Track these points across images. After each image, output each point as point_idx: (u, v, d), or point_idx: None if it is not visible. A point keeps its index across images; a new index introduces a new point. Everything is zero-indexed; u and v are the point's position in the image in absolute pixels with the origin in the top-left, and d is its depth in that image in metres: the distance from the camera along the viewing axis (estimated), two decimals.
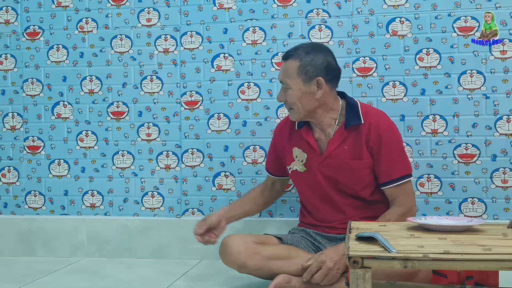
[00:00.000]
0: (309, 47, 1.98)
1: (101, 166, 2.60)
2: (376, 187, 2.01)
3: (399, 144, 2.02)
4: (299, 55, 1.95)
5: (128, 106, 2.57)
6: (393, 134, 1.99)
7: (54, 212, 2.63)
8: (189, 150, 2.53)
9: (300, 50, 1.97)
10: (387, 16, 2.36)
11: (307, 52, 1.95)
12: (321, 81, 1.94)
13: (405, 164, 1.99)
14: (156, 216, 2.56)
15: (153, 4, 2.55)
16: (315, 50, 1.97)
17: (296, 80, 1.94)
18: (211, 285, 2.10)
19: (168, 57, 2.54)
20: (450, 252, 1.20)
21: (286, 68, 1.98)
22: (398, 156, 1.98)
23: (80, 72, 2.61)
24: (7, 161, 2.66)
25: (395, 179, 1.96)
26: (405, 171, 1.98)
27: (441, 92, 2.32)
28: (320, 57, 1.95)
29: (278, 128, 2.20)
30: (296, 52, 1.97)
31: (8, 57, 2.66)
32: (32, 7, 2.64)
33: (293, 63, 1.95)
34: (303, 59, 1.94)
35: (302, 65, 1.94)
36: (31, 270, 2.34)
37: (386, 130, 1.96)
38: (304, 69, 1.94)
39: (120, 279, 2.19)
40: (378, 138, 1.95)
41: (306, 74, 1.94)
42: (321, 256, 1.85)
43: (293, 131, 2.10)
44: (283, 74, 1.99)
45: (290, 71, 1.96)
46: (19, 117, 2.65)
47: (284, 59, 2.01)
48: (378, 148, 1.95)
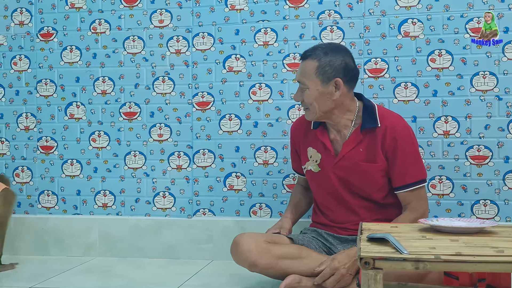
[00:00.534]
0: (327, 48, 1.97)
1: (113, 166, 2.62)
2: (390, 191, 2.00)
3: (415, 149, 1.99)
4: (318, 55, 1.94)
5: (140, 107, 2.59)
6: (409, 139, 1.97)
7: (67, 211, 2.65)
8: (201, 151, 2.54)
9: (319, 50, 1.96)
10: (399, 17, 2.36)
11: (326, 53, 1.94)
12: (339, 82, 1.93)
13: (420, 169, 1.98)
14: (168, 216, 2.57)
15: (166, 6, 2.57)
16: (333, 50, 1.96)
17: (314, 80, 1.94)
18: (223, 285, 2.10)
19: (180, 58, 2.56)
20: (462, 254, 1.20)
21: (304, 68, 1.96)
22: (413, 161, 1.97)
23: (93, 73, 2.63)
24: (21, 161, 2.69)
25: (409, 184, 1.95)
26: (419, 176, 1.96)
27: (453, 93, 2.31)
28: (338, 58, 1.94)
29: (294, 127, 2.19)
30: (315, 52, 1.95)
31: (22, 58, 2.68)
32: (46, 8, 2.66)
33: (311, 63, 1.94)
34: (322, 60, 1.93)
35: (321, 66, 1.93)
36: (44, 269, 2.36)
37: (402, 134, 1.95)
38: (322, 69, 1.92)
39: (131, 279, 2.20)
40: (393, 142, 1.94)
41: (324, 74, 1.93)
42: (334, 262, 1.84)
43: (308, 131, 2.09)
44: (301, 74, 1.98)
45: (308, 71, 1.94)
46: (32, 117, 2.68)
47: (302, 59, 2.00)
48: (393, 152, 1.94)
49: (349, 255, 1.85)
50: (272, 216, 2.46)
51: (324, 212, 2.09)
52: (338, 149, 2.01)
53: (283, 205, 2.42)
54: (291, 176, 2.45)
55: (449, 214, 2.31)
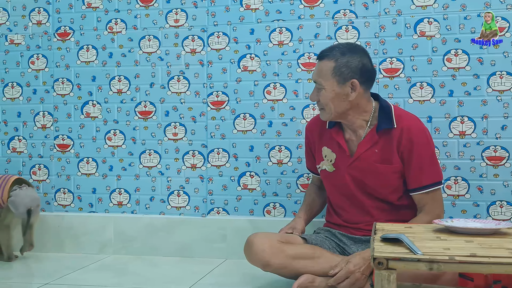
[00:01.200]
0: (345, 48, 1.95)
1: (129, 164, 2.64)
2: (405, 192, 1.98)
3: (431, 151, 1.97)
4: (335, 55, 1.93)
5: (156, 106, 2.61)
6: (425, 140, 1.95)
7: (83, 209, 2.68)
8: (215, 150, 2.55)
9: (336, 50, 1.94)
10: (415, 17, 2.34)
11: (343, 53, 1.93)
12: (355, 83, 1.91)
13: (435, 171, 1.96)
14: (182, 215, 2.58)
15: (181, 5, 2.58)
16: (351, 51, 1.94)
17: (330, 81, 1.92)
18: (236, 284, 2.11)
19: (195, 58, 2.57)
20: (476, 255, 1.19)
21: (321, 68, 1.95)
22: (429, 163, 1.95)
23: (109, 72, 2.65)
24: (38, 159, 2.72)
25: (425, 186, 1.93)
26: (435, 179, 1.95)
27: (470, 93, 2.29)
28: (356, 58, 1.92)
29: (309, 126, 2.19)
30: (332, 52, 1.94)
31: (39, 57, 2.72)
32: (63, 8, 2.69)
33: (328, 64, 1.93)
34: (339, 60, 1.92)
35: (337, 66, 1.91)
36: (60, 266, 2.39)
37: (418, 135, 1.93)
38: (339, 70, 1.91)
39: (146, 277, 2.22)
40: (409, 143, 1.92)
41: (341, 75, 1.91)
42: (348, 265, 1.83)
43: (323, 130, 2.08)
44: (317, 74, 1.96)
45: (325, 72, 1.93)
46: (49, 116, 2.71)
47: (319, 58, 1.98)
48: (409, 154, 1.92)
49: (364, 258, 1.83)
50: (286, 215, 2.46)
51: (338, 212, 2.08)
52: (353, 149, 2.00)
53: (297, 204, 2.42)
54: (305, 175, 2.44)
55: (464, 215, 2.29)
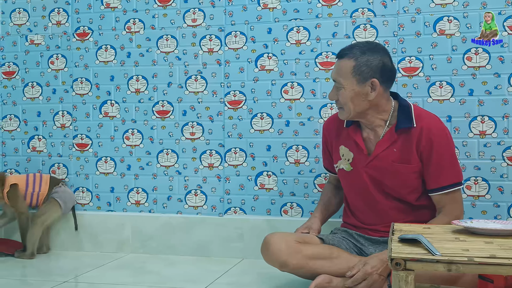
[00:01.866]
0: (365, 47, 1.93)
1: (146, 164, 2.65)
2: (424, 192, 1.96)
3: (451, 151, 1.94)
4: (355, 54, 1.90)
5: (173, 105, 2.62)
6: (445, 140, 1.92)
7: (101, 208, 2.70)
8: (232, 149, 2.55)
9: (356, 49, 1.92)
10: (435, 15, 2.31)
11: (363, 52, 1.90)
12: (375, 82, 1.89)
13: (455, 172, 1.93)
14: (199, 214, 2.59)
15: (199, 5, 2.58)
16: (371, 50, 1.92)
17: (350, 80, 1.90)
18: (252, 283, 2.10)
19: (212, 57, 2.57)
20: (496, 257, 1.17)
21: (340, 67, 1.93)
22: (449, 163, 1.92)
23: (127, 72, 2.67)
24: (57, 158, 2.75)
25: (444, 186, 1.90)
26: (455, 179, 1.92)
27: (490, 92, 2.25)
28: (376, 57, 1.90)
29: (326, 124, 2.16)
30: (352, 51, 1.92)
31: (59, 57, 2.74)
32: (82, 8, 2.72)
33: (348, 63, 1.91)
34: (359, 59, 1.89)
35: (357, 66, 1.89)
36: (79, 264, 2.41)
37: (438, 135, 1.91)
38: (359, 69, 1.89)
39: (163, 275, 2.23)
40: (429, 143, 1.89)
41: (361, 74, 1.89)
42: (366, 266, 1.82)
43: (341, 129, 2.06)
44: (337, 73, 1.94)
45: (344, 71, 1.91)
46: (68, 115, 2.74)
47: (338, 57, 1.96)
48: (428, 153, 1.90)
49: (381, 260, 1.82)
50: (303, 215, 2.45)
51: (355, 213, 2.07)
52: (371, 148, 1.98)
53: (314, 204, 2.40)
54: (322, 175, 2.43)
55: (484, 216, 2.25)
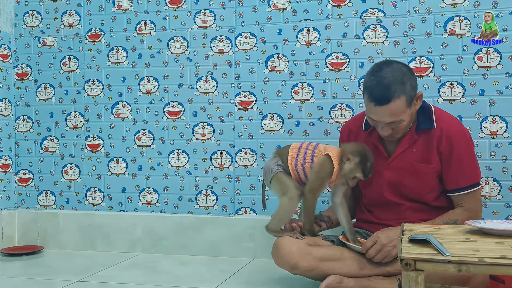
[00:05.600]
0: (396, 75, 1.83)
1: (157, 164, 2.67)
2: (442, 193, 1.96)
3: (471, 152, 1.95)
4: (399, 90, 1.82)
5: (184, 106, 2.63)
6: (465, 141, 1.93)
7: (113, 208, 2.72)
8: (243, 150, 2.56)
9: (395, 85, 1.82)
10: (445, 15, 2.31)
11: (402, 82, 1.83)
12: (420, 93, 1.90)
13: (475, 173, 1.94)
14: (210, 214, 2.60)
15: (209, 6, 2.60)
16: (403, 73, 1.84)
17: (406, 111, 1.86)
18: (263, 283, 2.11)
19: (223, 58, 2.58)
20: (507, 257, 1.17)
21: (394, 110, 1.83)
22: (469, 164, 1.92)
23: (138, 73, 2.69)
24: (70, 159, 2.78)
25: (464, 187, 1.92)
26: (474, 180, 1.93)
27: (501, 92, 2.25)
28: (409, 75, 1.86)
29: (348, 126, 2.14)
30: (394, 90, 1.81)
31: (71, 58, 2.77)
32: (94, 10, 2.74)
33: (398, 102, 1.83)
34: (406, 91, 1.83)
35: (408, 96, 1.84)
36: (91, 263, 2.43)
37: (458, 136, 1.91)
38: (410, 97, 1.86)
39: (175, 275, 2.24)
40: (449, 144, 1.90)
41: (411, 99, 1.87)
42: (381, 238, 1.83)
43: (360, 132, 2.06)
44: (393, 116, 1.84)
45: (400, 109, 1.84)
46: (80, 116, 2.76)
47: (382, 103, 1.82)
48: (448, 154, 1.91)
49: (394, 229, 1.84)
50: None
51: (371, 210, 2.07)
52: (391, 150, 1.98)
53: (325, 205, 2.41)
54: None
55: (496, 216, 2.24)
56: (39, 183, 2.81)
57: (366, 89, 1.88)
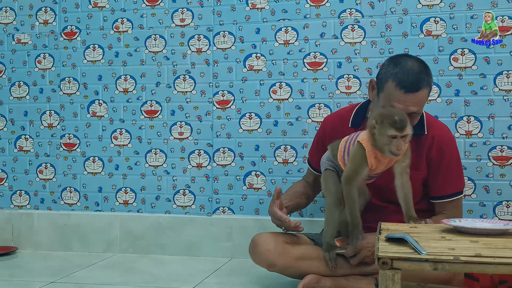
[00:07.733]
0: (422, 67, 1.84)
1: (134, 164, 2.65)
2: (423, 198, 1.97)
3: (458, 161, 1.98)
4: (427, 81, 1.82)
5: (161, 105, 2.61)
6: (455, 150, 1.96)
7: (89, 208, 2.69)
8: (221, 149, 2.55)
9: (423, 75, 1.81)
10: (421, 16, 2.33)
11: (428, 74, 1.84)
12: None
13: (460, 181, 1.98)
14: (188, 214, 2.59)
15: (187, 5, 2.58)
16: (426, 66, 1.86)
17: (424, 104, 1.87)
18: (241, 283, 2.11)
19: (201, 57, 2.57)
20: (481, 255, 1.19)
21: (421, 99, 1.83)
22: (456, 173, 1.96)
23: (115, 71, 2.66)
24: (44, 158, 2.73)
25: (449, 195, 1.94)
26: (459, 188, 1.96)
27: (476, 93, 2.28)
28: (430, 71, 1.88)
29: (329, 120, 2.11)
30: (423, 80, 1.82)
31: (46, 56, 2.73)
32: (69, 7, 2.70)
33: (426, 92, 1.83)
34: (430, 84, 1.85)
35: (430, 90, 1.87)
36: (67, 264, 2.40)
37: (448, 145, 1.94)
38: (430, 92, 1.88)
39: (152, 275, 2.22)
40: (440, 152, 1.92)
41: (429, 94, 1.88)
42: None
43: (345, 129, 1.99)
44: (418, 105, 1.82)
45: (424, 100, 1.84)
46: (56, 115, 2.72)
47: (414, 90, 1.80)
48: (438, 162, 1.92)
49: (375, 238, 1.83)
50: (291, 215, 2.46)
51: None
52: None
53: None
54: None
55: (470, 215, 2.28)
56: (13, 182, 2.76)
57: (393, 77, 1.81)
